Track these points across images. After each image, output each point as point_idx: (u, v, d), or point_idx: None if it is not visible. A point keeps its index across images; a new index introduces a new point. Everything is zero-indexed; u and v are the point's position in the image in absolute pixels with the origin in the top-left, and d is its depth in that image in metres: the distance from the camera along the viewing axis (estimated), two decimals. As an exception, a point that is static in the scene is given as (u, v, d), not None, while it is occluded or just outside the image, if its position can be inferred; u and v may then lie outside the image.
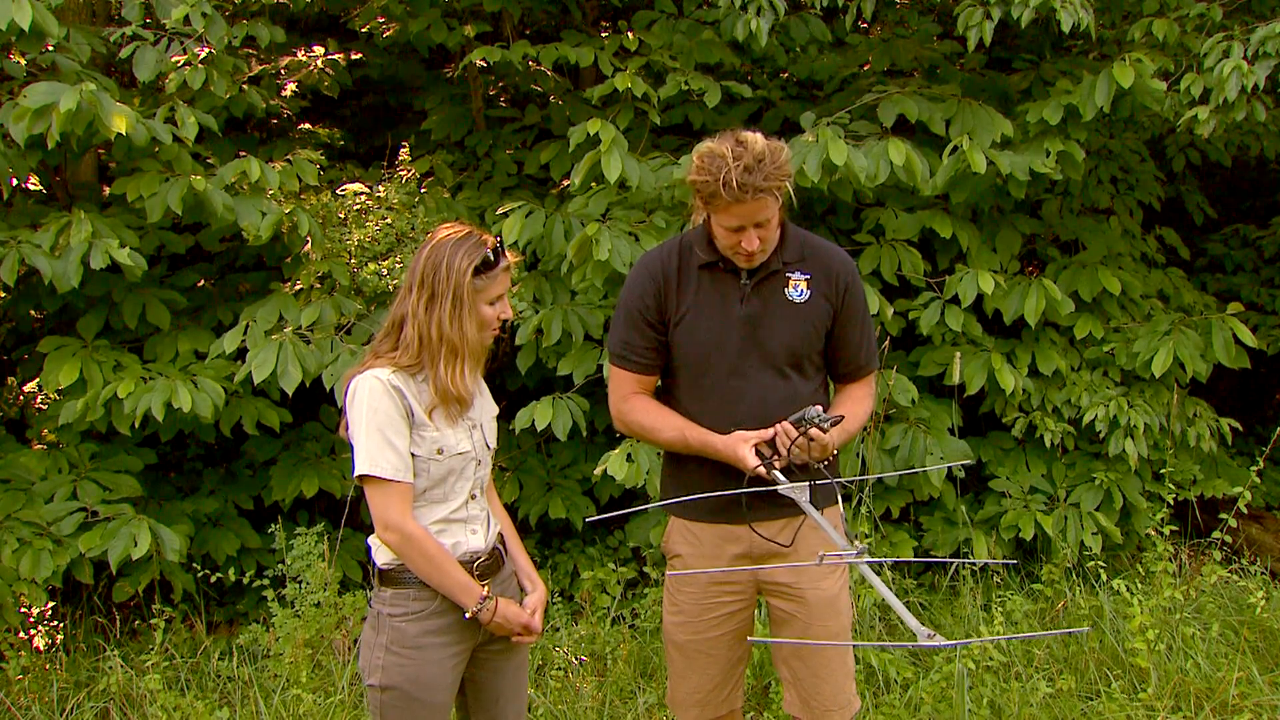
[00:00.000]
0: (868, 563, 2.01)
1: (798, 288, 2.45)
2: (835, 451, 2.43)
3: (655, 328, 2.47)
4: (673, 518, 2.60)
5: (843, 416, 2.36)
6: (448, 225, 2.25)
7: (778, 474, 2.29)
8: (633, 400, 2.51)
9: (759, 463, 2.29)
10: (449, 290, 2.16)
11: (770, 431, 2.33)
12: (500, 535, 2.39)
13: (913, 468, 4.29)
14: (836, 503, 2.49)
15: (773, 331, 2.44)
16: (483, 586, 2.24)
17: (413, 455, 2.17)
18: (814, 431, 2.27)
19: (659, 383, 2.58)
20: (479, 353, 2.26)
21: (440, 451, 2.19)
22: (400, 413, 2.15)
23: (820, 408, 2.32)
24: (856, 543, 2.03)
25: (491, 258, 2.19)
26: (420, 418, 2.17)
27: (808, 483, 2.26)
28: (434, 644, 2.22)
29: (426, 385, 2.19)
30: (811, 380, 2.51)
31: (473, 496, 2.28)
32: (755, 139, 2.26)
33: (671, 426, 2.45)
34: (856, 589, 3.89)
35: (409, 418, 2.16)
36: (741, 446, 2.32)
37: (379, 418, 2.14)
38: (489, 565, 2.30)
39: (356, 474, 2.15)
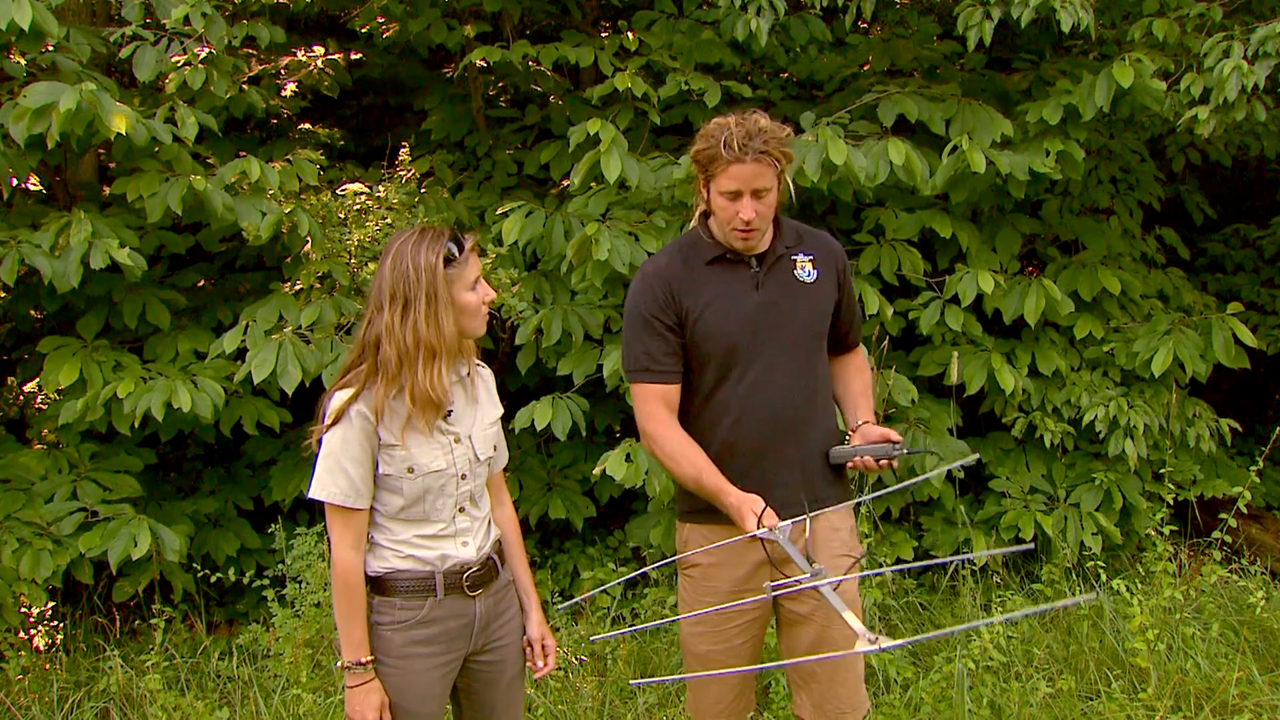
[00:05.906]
0: (827, 582, 1.95)
1: (805, 269, 2.49)
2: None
3: (674, 330, 2.42)
4: (688, 526, 2.54)
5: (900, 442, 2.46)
6: (397, 235, 2.16)
7: (781, 542, 2.15)
8: (661, 427, 2.42)
9: (759, 529, 2.18)
10: (421, 291, 2.08)
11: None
12: (498, 542, 2.34)
13: (913, 469, 4.29)
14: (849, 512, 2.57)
15: (793, 314, 2.45)
16: (369, 655, 2.16)
17: (385, 475, 2.14)
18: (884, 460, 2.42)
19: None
20: (456, 349, 2.15)
21: (411, 470, 2.14)
22: (361, 437, 2.10)
23: (893, 444, 2.42)
24: (815, 565, 2.02)
25: (455, 247, 2.13)
26: (387, 439, 2.12)
27: (821, 567, 2.06)
28: (420, 653, 2.20)
29: (399, 402, 2.12)
30: (824, 363, 2.56)
31: (460, 509, 2.23)
32: (760, 115, 2.34)
33: (691, 464, 2.36)
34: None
35: (374, 441, 2.11)
36: (750, 515, 2.20)
37: (334, 442, 2.10)
38: (480, 575, 2.25)
39: (309, 495, 2.14)
